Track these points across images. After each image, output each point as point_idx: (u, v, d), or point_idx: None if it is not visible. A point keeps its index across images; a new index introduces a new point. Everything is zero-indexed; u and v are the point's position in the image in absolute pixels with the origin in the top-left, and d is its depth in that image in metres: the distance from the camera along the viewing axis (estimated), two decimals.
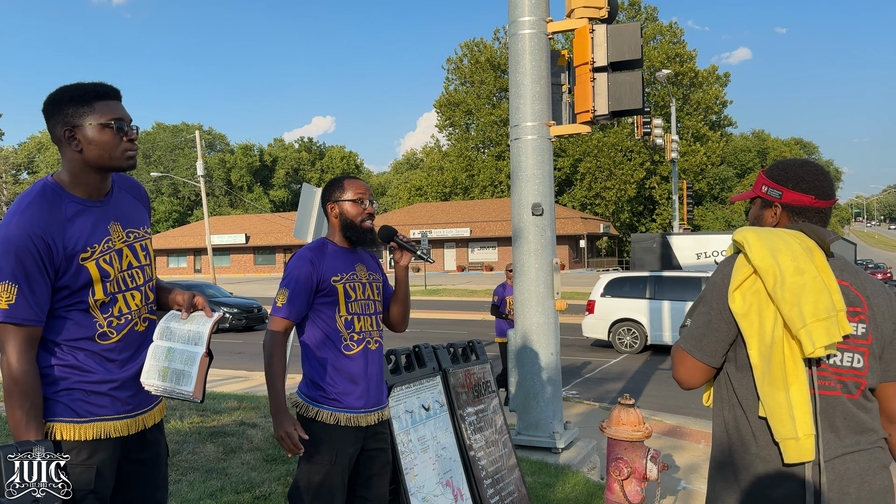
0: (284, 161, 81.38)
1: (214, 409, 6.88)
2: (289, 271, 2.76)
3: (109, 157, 2.00)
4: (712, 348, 1.90)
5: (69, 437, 1.94)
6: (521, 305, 5.81)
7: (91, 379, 1.98)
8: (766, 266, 1.81)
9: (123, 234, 2.09)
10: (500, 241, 49.58)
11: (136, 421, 2.08)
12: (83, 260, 1.96)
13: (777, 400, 1.77)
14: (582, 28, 5.68)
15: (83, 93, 1.98)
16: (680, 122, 53.29)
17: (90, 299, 1.98)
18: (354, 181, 2.89)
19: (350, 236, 2.84)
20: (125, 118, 2.03)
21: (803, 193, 1.97)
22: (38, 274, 1.89)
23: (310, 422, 2.70)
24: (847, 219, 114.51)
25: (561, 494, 4.76)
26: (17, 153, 70.43)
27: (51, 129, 2.02)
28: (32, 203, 1.93)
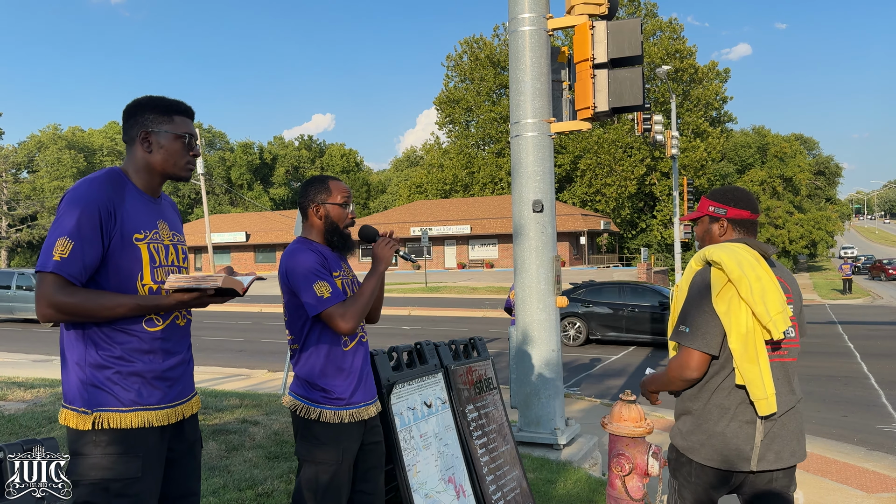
0: (284, 159, 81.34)
1: (216, 407, 6.89)
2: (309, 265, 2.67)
3: (173, 165, 2.23)
4: (715, 341, 2.51)
5: (116, 425, 2.03)
6: (522, 302, 5.82)
7: (135, 369, 2.08)
8: (739, 277, 2.47)
9: (170, 234, 2.27)
10: (500, 238, 49.55)
11: (175, 411, 2.18)
12: (137, 240, 2.12)
13: (753, 372, 2.47)
14: (582, 24, 5.68)
15: (166, 105, 2.23)
16: (680, 119, 53.22)
17: (138, 283, 2.11)
18: (339, 183, 2.88)
19: (335, 240, 2.83)
20: (195, 135, 2.28)
21: (742, 209, 2.71)
22: (93, 237, 2.02)
23: (312, 423, 2.70)
24: (847, 214, 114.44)
25: (563, 490, 4.77)
26: (17, 152, 70.36)
27: (127, 128, 2.23)
28: (101, 177, 2.12)
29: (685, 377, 2.57)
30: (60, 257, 1.97)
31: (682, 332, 2.57)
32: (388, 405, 3.27)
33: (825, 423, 8.13)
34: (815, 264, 66.71)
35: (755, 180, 56.89)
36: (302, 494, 2.70)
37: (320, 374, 2.71)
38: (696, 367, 2.54)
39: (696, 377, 2.55)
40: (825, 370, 11.89)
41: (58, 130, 76.01)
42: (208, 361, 12.72)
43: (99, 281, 2.07)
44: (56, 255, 1.97)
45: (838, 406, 9.09)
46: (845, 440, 7.34)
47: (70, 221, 2.00)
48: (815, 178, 71.77)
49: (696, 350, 2.52)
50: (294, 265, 2.70)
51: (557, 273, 5.80)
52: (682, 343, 2.56)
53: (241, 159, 77.85)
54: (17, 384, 8.37)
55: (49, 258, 1.98)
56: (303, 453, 2.74)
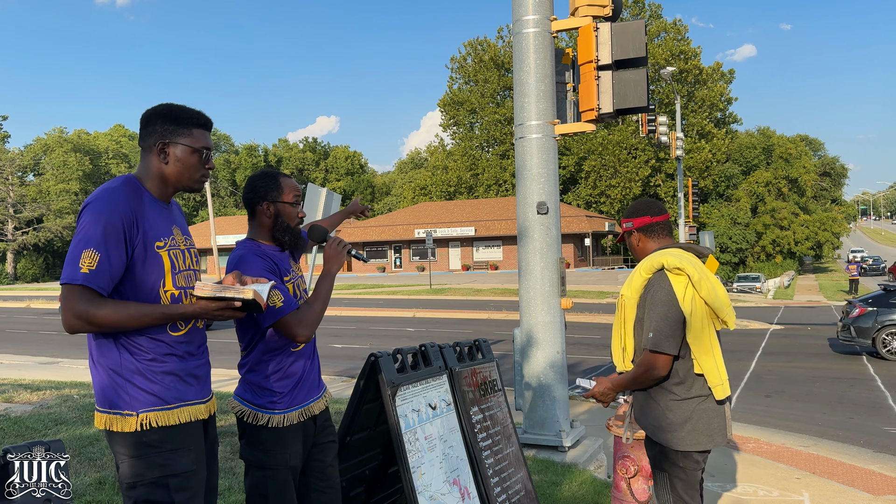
0: (289, 161, 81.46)
1: (222, 409, 6.90)
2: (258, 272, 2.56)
3: (188, 178, 2.25)
4: (678, 343, 2.85)
5: (164, 423, 2.09)
6: (527, 304, 5.81)
7: (168, 369, 2.14)
8: (699, 280, 2.83)
9: (183, 239, 2.30)
10: (504, 239, 49.53)
11: (207, 406, 2.28)
12: (158, 248, 2.15)
13: (709, 362, 2.88)
14: (586, 26, 5.68)
15: (186, 117, 2.23)
16: (685, 120, 53.13)
17: (161, 290, 2.15)
18: (290, 181, 2.76)
19: (285, 238, 2.72)
20: (210, 147, 2.30)
21: (643, 216, 3.10)
22: (118, 247, 2.05)
23: (260, 429, 2.63)
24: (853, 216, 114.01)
25: (568, 492, 4.76)
26: (24, 155, 70.66)
27: (144, 135, 2.23)
28: (121, 186, 2.14)
29: (654, 377, 2.90)
30: (89, 269, 2.00)
31: (650, 338, 2.87)
32: (393, 407, 3.27)
33: (831, 425, 8.10)
34: (821, 266, 66.49)
35: (760, 181, 56.75)
36: (254, 499, 2.65)
37: (268, 378, 2.64)
38: (664, 367, 2.87)
39: (663, 376, 2.89)
40: (831, 372, 11.85)
41: (63, 133, 76.27)
42: (214, 364, 12.71)
43: (122, 290, 2.11)
44: (84, 266, 2.00)
45: (844, 408, 9.05)
46: (851, 442, 7.31)
47: (95, 232, 2.02)
48: (821, 180, 71.54)
49: (664, 353, 2.84)
50: (243, 272, 2.55)
51: (562, 275, 5.79)
52: (651, 349, 2.85)
53: (245, 162, 78.00)
54: (23, 386, 8.40)
55: (76, 270, 2.00)
56: (250, 459, 2.67)
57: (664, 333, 2.83)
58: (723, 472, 5.95)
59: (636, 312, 2.99)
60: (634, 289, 3.00)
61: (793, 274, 47.93)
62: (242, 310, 2.13)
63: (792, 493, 5.41)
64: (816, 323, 20.79)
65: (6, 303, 33.37)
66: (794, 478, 5.80)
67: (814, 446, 6.93)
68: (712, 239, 24.25)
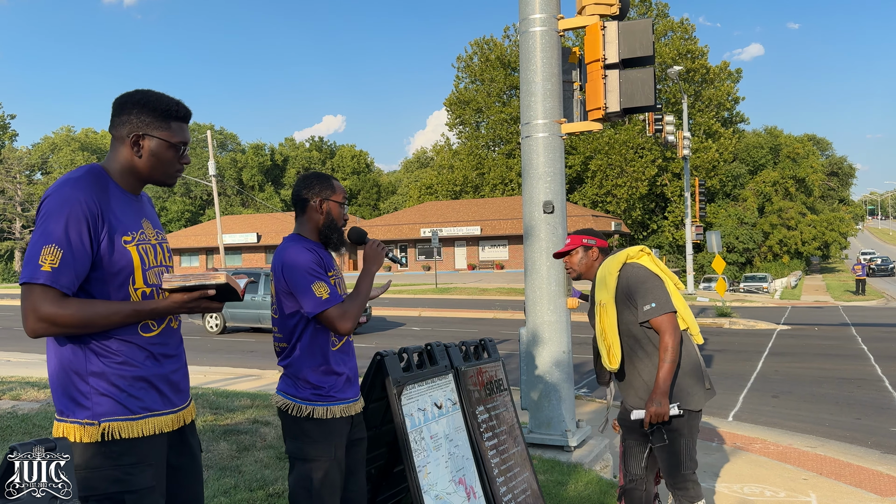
0: (295, 160, 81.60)
1: (228, 408, 6.92)
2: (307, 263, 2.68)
3: (162, 172, 2.11)
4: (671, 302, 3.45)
5: (127, 434, 1.95)
6: (533, 303, 5.80)
7: (139, 374, 2.00)
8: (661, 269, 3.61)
9: (154, 233, 2.15)
10: (510, 239, 49.49)
11: (178, 416, 2.13)
12: (125, 243, 2.00)
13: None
14: (593, 25, 5.66)
15: (165, 109, 2.07)
16: (692, 119, 52.97)
17: (130, 288, 2.01)
18: (339, 183, 2.91)
19: (332, 237, 2.84)
20: (188, 142, 2.15)
21: (603, 240, 3.84)
22: (82, 243, 1.91)
23: (303, 421, 2.70)
24: (861, 215, 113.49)
25: (573, 492, 4.75)
26: (31, 154, 70.99)
27: (116, 122, 2.08)
28: (84, 177, 1.98)
29: (677, 339, 3.37)
30: (51, 267, 1.85)
31: (653, 307, 3.39)
32: (399, 406, 3.26)
33: (839, 426, 8.06)
34: (828, 266, 66.20)
35: (767, 181, 56.53)
36: (298, 494, 2.70)
37: (311, 372, 2.73)
38: (677, 325, 3.39)
39: (681, 330, 3.45)
40: (838, 372, 11.80)
41: (71, 132, 76.64)
42: (220, 362, 12.78)
43: (88, 289, 1.96)
44: (45, 264, 1.85)
45: (852, 409, 9.01)
46: (859, 443, 7.27)
47: (57, 227, 1.87)
48: (828, 179, 71.25)
49: (670, 313, 3.38)
50: (292, 263, 2.68)
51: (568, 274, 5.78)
52: (661, 312, 3.37)
53: (252, 161, 78.17)
54: (30, 384, 8.43)
55: (37, 269, 1.85)
56: (294, 452, 2.74)
57: (662, 298, 3.41)
58: (729, 472, 5.93)
59: (617, 309, 3.49)
60: (611, 288, 3.50)
61: (800, 274, 47.76)
62: (218, 298, 1.98)
63: (799, 493, 5.39)
64: (824, 323, 20.70)
65: (14, 301, 33.51)
66: (801, 479, 5.78)
67: (821, 447, 6.90)
68: (719, 239, 24.17)
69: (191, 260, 62.14)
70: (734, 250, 52.20)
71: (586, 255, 3.77)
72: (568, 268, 3.84)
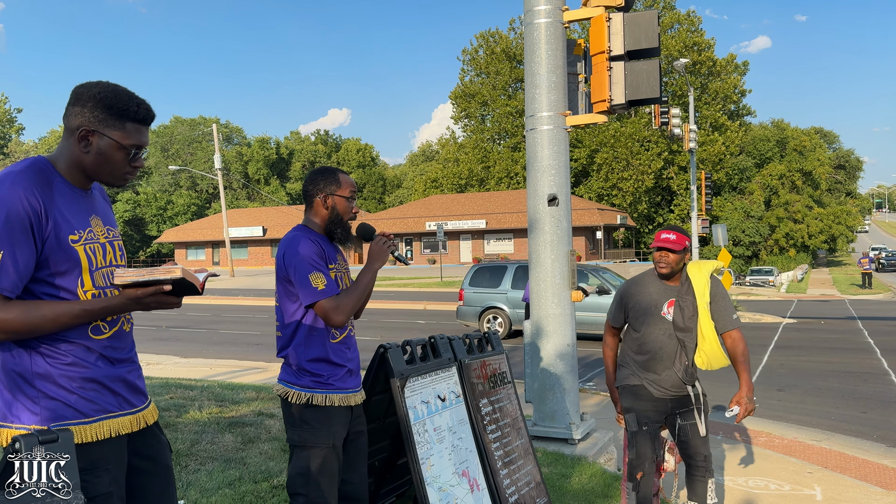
0: (301, 154, 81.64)
1: (233, 400, 6.94)
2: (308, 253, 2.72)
3: (109, 173, 1.97)
4: None
5: (80, 439, 1.85)
6: (537, 296, 5.79)
7: (90, 375, 1.90)
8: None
9: (104, 230, 2.02)
10: (515, 232, 49.46)
11: (138, 418, 2.03)
12: (73, 242, 1.88)
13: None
14: (598, 16, 5.63)
15: (122, 108, 1.92)
16: (698, 112, 52.75)
17: (79, 290, 1.89)
18: (347, 177, 2.94)
19: (337, 231, 2.88)
20: (143, 145, 1.98)
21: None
22: (25, 242, 1.78)
23: (302, 408, 2.74)
24: (868, 209, 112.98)
25: (577, 485, 4.75)
26: (38, 148, 71.19)
27: (70, 114, 1.93)
28: (25, 171, 1.85)
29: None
30: None
31: (735, 318, 3.90)
32: (402, 399, 3.27)
33: (844, 420, 8.04)
34: (835, 259, 65.96)
35: (774, 174, 56.31)
36: (295, 480, 2.73)
37: (310, 361, 2.76)
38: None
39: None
40: (844, 366, 11.77)
41: None
42: (225, 355, 12.82)
43: (34, 290, 1.85)
44: None
45: (857, 402, 8.98)
46: (864, 437, 7.25)
47: None
48: (835, 172, 70.89)
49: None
50: (293, 252, 2.74)
51: (572, 267, 5.77)
52: (739, 326, 3.91)
53: (257, 154, 78.24)
54: None
55: None
56: (294, 439, 2.78)
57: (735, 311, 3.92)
58: (734, 465, 5.92)
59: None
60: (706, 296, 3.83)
61: (806, 267, 47.58)
62: (175, 293, 1.85)
63: (804, 487, 5.38)
64: (830, 317, 20.64)
65: None
66: (806, 472, 5.77)
67: (826, 440, 6.89)
68: (725, 232, 24.08)
69: (197, 253, 62.31)
70: (740, 244, 52.07)
71: (682, 257, 3.83)
72: (664, 263, 3.81)
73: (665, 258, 3.79)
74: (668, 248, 3.76)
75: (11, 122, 73.30)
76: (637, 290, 3.94)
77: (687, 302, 3.82)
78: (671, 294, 3.85)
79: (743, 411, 3.75)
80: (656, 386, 3.87)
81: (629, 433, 3.95)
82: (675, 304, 3.83)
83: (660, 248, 3.79)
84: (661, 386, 3.86)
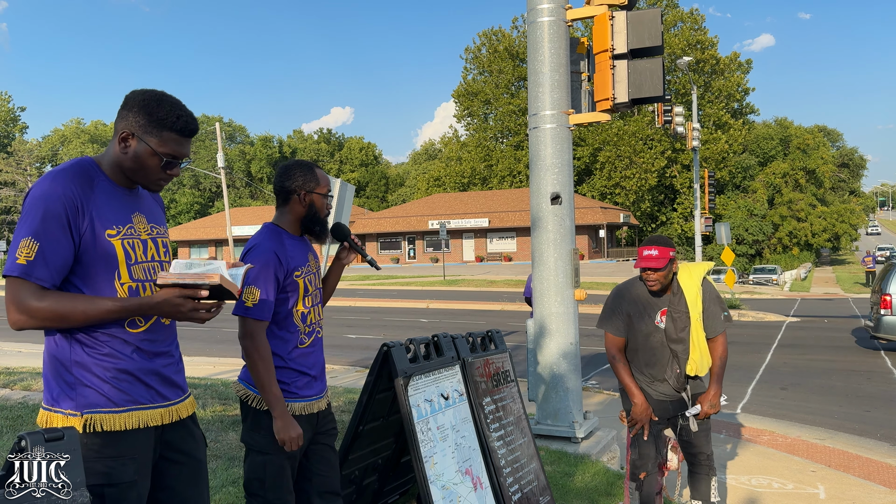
0: (304, 152, 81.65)
1: (236, 398, 6.95)
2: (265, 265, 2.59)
3: (143, 177, 2.05)
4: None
5: (109, 427, 1.93)
6: (540, 295, 5.79)
7: (124, 367, 1.97)
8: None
9: (148, 228, 2.10)
10: (518, 231, 49.43)
11: (170, 411, 2.08)
12: (109, 237, 1.96)
13: None
14: (601, 15, 5.62)
15: (162, 117, 2.00)
16: (701, 110, 52.65)
17: (116, 283, 1.97)
18: (323, 173, 2.84)
19: (315, 228, 2.77)
20: (179, 156, 2.05)
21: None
22: (61, 236, 1.88)
23: (262, 413, 2.65)
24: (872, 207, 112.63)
25: (581, 483, 4.76)
26: (42, 146, 71.34)
27: (118, 117, 2.04)
28: (67, 170, 1.95)
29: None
30: (26, 260, 1.84)
31: (723, 319, 3.83)
32: (405, 397, 3.27)
33: (848, 419, 8.03)
34: (838, 258, 65.82)
35: (777, 172, 56.19)
36: (252, 483, 2.69)
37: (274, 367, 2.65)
38: None
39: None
40: (848, 364, 11.75)
41: (81, 124, 76.94)
42: (228, 353, 12.82)
43: (74, 281, 1.94)
44: (21, 257, 1.84)
45: (861, 401, 8.97)
46: (868, 436, 7.24)
47: (34, 220, 1.86)
48: (839, 171, 70.72)
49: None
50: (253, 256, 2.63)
51: (575, 266, 5.77)
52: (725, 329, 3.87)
53: (260, 153, 78.31)
54: (41, 374, 8.50)
55: (13, 262, 1.85)
56: (250, 442, 2.71)
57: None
58: (737, 464, 5.92)
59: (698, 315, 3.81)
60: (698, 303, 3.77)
61: (810, 266, 47.48)
62: (213, 298, 1.93)
63: (807, 485, 5.37)
64: (833, 315, 20.60)
65: None
66: (809, 471, 5.76)
67: (830, 439, 6.88)
68: (728, 230, 24.05)
69: (200, 252, 62.37)
70: (744, 242, 51.97)
71: (670, 269, 3.68)
72: (652, 281, 3.66)
73: (652, 277, 3.67)
74: (651, 268, 3.63)
75: (15, 120, 73.44)
76: (631, 297, 3.87)
77: (679, 312, 3.77)
78: (664, 304, 3.81)
79: (703, 413, 3.82)
80: (654, 390, 3.88)
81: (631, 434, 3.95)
82: (667, 315, 3.79)
83: (644, 268, 3.67)
84: (657, 391, 3.88)
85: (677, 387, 3.88)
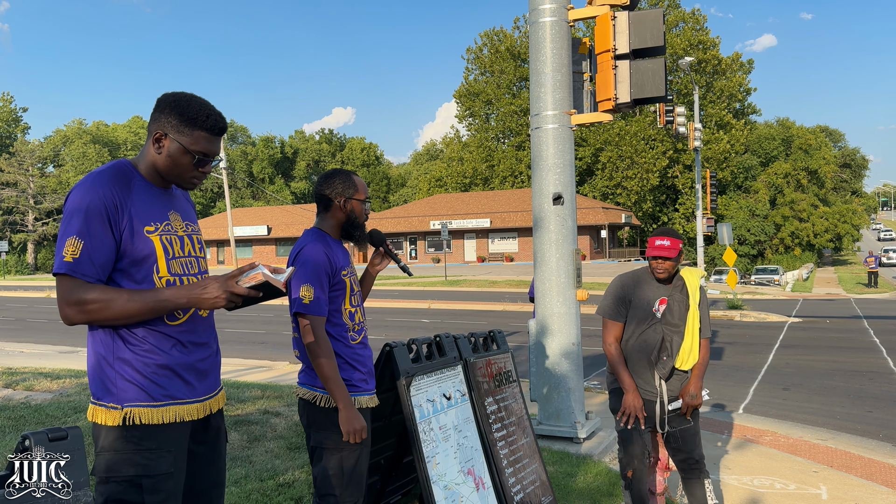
0: (305, 153, 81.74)
1: (238, 398, 6.96)
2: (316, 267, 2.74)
3: (177, 175, 2.16)
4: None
5: (147, 420, 2.02)
6: (542, 295, 5.79)
7: (164, 362, 2.06)
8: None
9: (183, 224, 2.22)
10: (520, 231, 49.43)
11: (204, 405, 2.18)
12: (148, 233, 2.07)
13: None
14: (603, 15, 5.63)
15: (193, 116, 2.11)
16: (703, 111, 52.64)
17: (155, 276, 2.07)
18: (361, 181, 2.99)
19: (356, 234, 2.92)
20: (210, 154, 2.17)
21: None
22: (104, 234, 1.99)
23: (331, 411, 2.75)
24: (874, 207, 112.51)
25: (583, 484, 4.75)
26: (44, 146, 71.42)
27: (151, 119, 2.15)
28: (106, 171, 2.07)
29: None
30: (72, 258, 1.96)
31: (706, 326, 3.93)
32: (408, 397, 3.27)
33: (850, 419, 8.02)
34: (840, 258, 65.73)
35: (779, 173, 56.13)
36: (328, 483, 2.74)
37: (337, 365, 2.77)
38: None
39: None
40: (850, 365, 11.73)
41: (83, 125, 77.02)
42: (230, 353, 12.84)
43: (115, 277, 2.05)
44: (67, 255, 1.96)
45: (863, 402, 8.96)
46: (870, 436, 7.23)
47: (77, 220, 1.98)
48: (841, 171, 70.66)
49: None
50: (304, 258, 2.77)
51: (577, 266, 5.77)
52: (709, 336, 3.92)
53: (262, 153, 78.37)
54: (43, 375, 8.51)
55: (61, 259, 1.97)
56: (322, 442, 2.77)
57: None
58: (739, 464, 5.91)
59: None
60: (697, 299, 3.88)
61: (811, 266, 47.43)
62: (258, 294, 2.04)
63: (809, 486, 5.37)
64: (835, 316, 20.58)
65: (27, 293, 33.81)
66: (811, 471, 5.76)
67: (832, 440, 6.87)
68: (730, 231, 24.03)
69: None
70: (745, 242, 51.93)
71: (678, 260, 3.85)
72: (661, 269, 3.82)
73: (662, 265, 3.81)
74: (663, 257, 3.78)
75: (17, 121, 73.53)
76: (634, 287, 3.94)
77: (679, 300, 3.88)
78: (663, 292, 3.89)
79: (684, 405, 3.87)
80: (643, 387, 3.87)
81: (617, 432, 3.93)
82: (666, 303, 3.86)
83: (655, 256, 3.82)
84: (642, 388, 3.87)
85: (663, 375, 3.86)
